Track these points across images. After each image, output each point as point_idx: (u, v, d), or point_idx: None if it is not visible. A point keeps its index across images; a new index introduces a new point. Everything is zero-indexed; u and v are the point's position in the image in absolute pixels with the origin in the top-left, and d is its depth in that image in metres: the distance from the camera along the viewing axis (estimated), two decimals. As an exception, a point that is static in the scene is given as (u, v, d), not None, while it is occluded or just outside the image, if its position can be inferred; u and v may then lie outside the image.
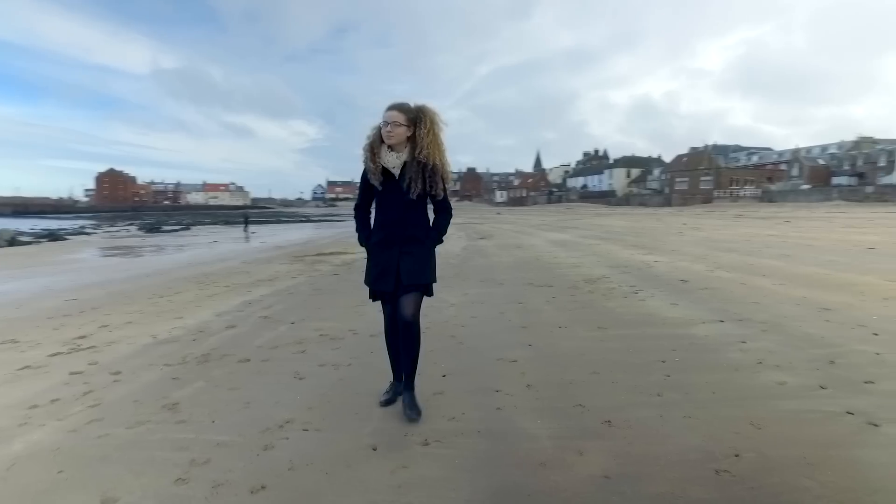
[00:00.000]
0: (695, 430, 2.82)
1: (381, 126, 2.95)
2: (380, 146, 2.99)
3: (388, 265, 2.97)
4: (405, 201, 2.97)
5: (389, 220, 3.01)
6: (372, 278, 3.05)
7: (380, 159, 2.97)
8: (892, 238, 15.54)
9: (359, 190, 3.18)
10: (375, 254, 3.05)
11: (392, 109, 2.94)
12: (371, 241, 3.09)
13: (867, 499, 2.19)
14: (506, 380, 3.66)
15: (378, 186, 2.98)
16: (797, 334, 4.76)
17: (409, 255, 2.98)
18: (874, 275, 8.22)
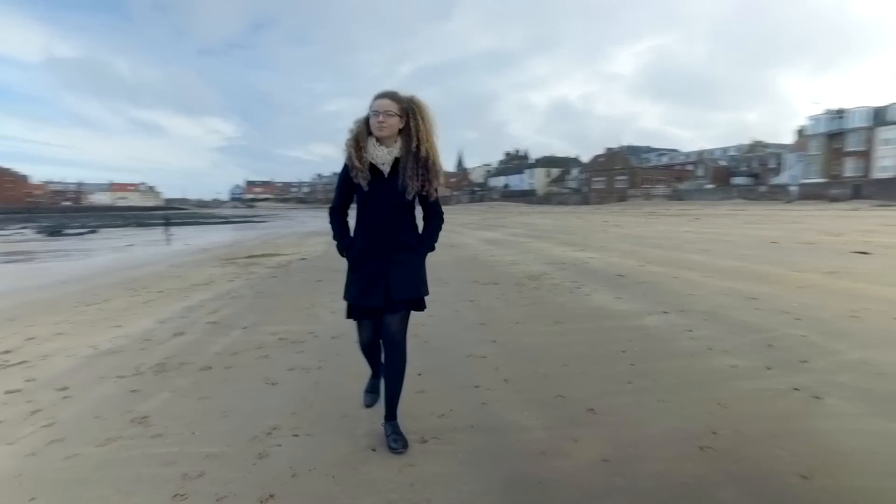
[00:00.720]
0: (671, 413, 3.01)
1: (370, 116, 2.58)
2: (366, 140, 2.60)
3: (375, 277, 2.60)
4: (396, 203, 2.62)
5: (377, 225, 2.63)
6: (355, 292, 2.65)
7: (367, 155, 2.59)
8: (790, 233, 17.05)
9: (336, 190, 2.77)
10: (359, 264, 2.66)
11: (384, 98, 2.58)
12: (354, 248, 2.69)
13: (828, 461, 2.44)
14: (482, 375, 3.73)
15: (364, 186, 2.58)
16: (734, 322, 5.15)
17: (400, 266, 2.63)
18: (783, 266, 9.01)
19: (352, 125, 2.68)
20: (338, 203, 2.77)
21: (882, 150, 57.42)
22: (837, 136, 61.37)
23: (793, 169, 66.92)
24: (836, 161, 60.93)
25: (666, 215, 35.13)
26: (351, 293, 2.68)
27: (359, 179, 2.59)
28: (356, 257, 2.68)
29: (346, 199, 2.75)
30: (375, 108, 2.58)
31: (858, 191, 51.94)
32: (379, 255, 2.62)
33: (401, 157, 2.62)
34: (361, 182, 2.59)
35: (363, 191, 2.61)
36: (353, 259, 2.70)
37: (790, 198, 55.15)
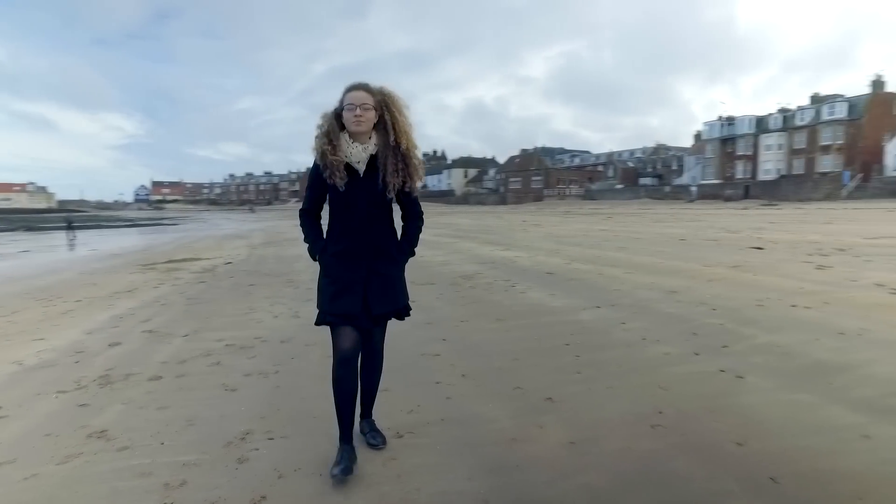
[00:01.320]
0: (620, 397, 3.30)
1: (344, 111, 2.40)
2: (338, 137, 2.43)
3: (351, 282, 2.43)
4: (374, 203, 2.46)
5: (353, 228, 2.45)
6: (327, 298, 2.45)
7: (340, 153, 2.41)
8: (695, 231, 18.46)
9: (306, 190, 2.60)
10: (335, 268, 2.47)
11: (358, 90, 2.41)
12: (328, 252, 2.51)
13: (756, 428, 2.81)
14: (440, 372, 3.88)
15: (340, 187, 2.40)
16: (660, 314, 5.62)
17: (379, 277, 2.49)
18: (694, 262, 9.83)
19: (319, 121, 2.48)
20: (309, 205, 2.60)
21: (765, 155, 63.16)
22: (729, 141, 66.86)
23: (692, 171, 72.07)
24: (729, 164, 66.33)
25: (581, 214, 36.85)
26: (323, 299, 2.48)
27: (334, 180, 2.40)
28: (330, 262, 2.49)
29: (318, 200, 2.58)
30: (350, 101, 2.39)
31: (748, 191, 56.78)
32: (356, 259, 2.45)
33: (378, 154, 2.45)
34: (337, 182, 2.40)
35: (338, 191, 2.42)
36: (327, 263, 2.50)
37: (691, 197, 59.35)
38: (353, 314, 2.43)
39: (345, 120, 2.42)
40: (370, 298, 2.45)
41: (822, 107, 58.90)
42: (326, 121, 2.46)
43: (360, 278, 2.45)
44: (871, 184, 48.64)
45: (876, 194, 45.81)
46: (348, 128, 2.43)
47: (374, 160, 2.46)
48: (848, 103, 56.76)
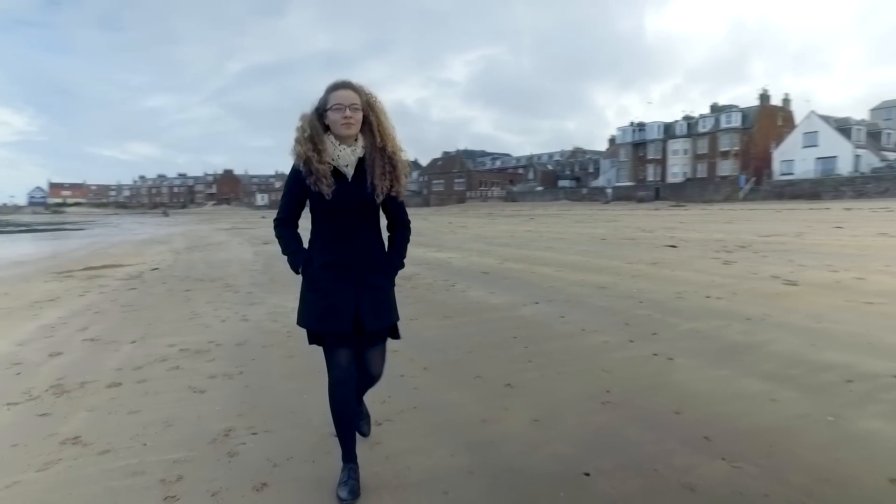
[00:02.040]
0: (571, 381, 3.67)
1: (331, 111, 2.23)
2: (323, 140, 2.25)
3: (341, 298, 2.24)
4: (363, 210, 2.29)
5: (342, 237, 2.27)
6: (315, 315, 2.27)
7: (326, 156, 2.23)
8: (614, 231, 19.62)
9: (283, 198, 2.39)
10: (322, 282, 2.26)
11: (346, 89, 2.25)
12: (314, 264, 2.29)
13: (689, 400, 3.25)
14: (402, 366, 4.09)
15: (328, 194, 2.20)
16: (594, 307, 6.12)
17: (370, 290, 2.30)
18: (618, 260, 10.58)
19: (298, 122, 2.29)
20: (287, 214, 2.38)
21: (672, 159, 67.60)
22: (640, 146, 71.00)
23: (607, 173, 75.84)
24: (641, 167, 70.40)
25: (504, 216, 37.95)
26: (310, 317, 2.29)
27: (321, 187, 2.20)
28: (317, 275, 2.27)
29: (297, 208, 2.37)
30: (339, 101, 2.23)
31: (658, 193, 60.51)
32: (346, 271, 2.26)
33: (366, 156, 2.29)
34: (324, 189, 2.20)
35: (323, 199, 2.22)
36: (314, 276, 2.28)
37: (607, 199, 62.51)
38: (344, 333, 2.26)
39: (331, 121, 2.25)
40: (362, 314, 2.26)
41: (720, 115, 63.99)
42: (308, 123, 2.26)
43: (350, 292, 2.25)
44: (763, 187, 53.28)
45: (767, 196, 50.26)
46: (335, 130, 2.25)
47: (361, 163, 2.30)
48: (742, 113, 62.04)
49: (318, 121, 2.28)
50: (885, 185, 43.37)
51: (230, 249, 16.24)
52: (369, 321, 2.28)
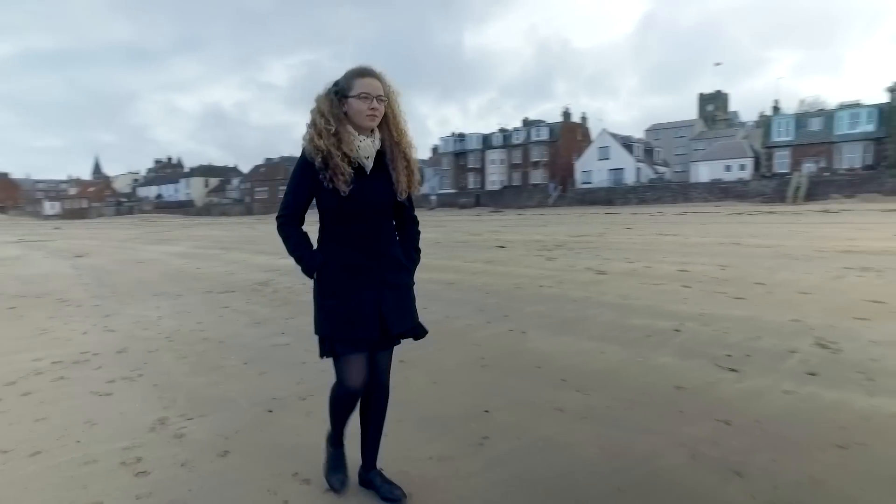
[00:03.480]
0: (452, 354, 4.44)
1: (355, 99, 2.06)
2: (347, 130, 2.07)
3: (364, 302, 2.08)
4: (383, 206, 2.15)
5: (360, 235, 2.10)
6: (337, 323, 2.10)
7: (346, 147, 2.04)
8: (445, 235, 21.07)
9: (289, 194, 2.15)
10: (342, 286, 2.09)
11: (373, 77, 2.09)
12: (330, 267, 2.11)
13: (545, 360, 4.21)
14: (298, 356, 4.49)
15: (344, 190, 2.02)
16: (450, 299, 7.01)
17: (393, 290, 2.15)
18: (456, 260, 11.73)
19: (315, 109, 2.10)
20: (293, 210, 2.15)
21: (491, 168, 73.23)
22: (461, 155, 75.67)
23: (431, 181, 79.34)
24: (462, 175, 75.04)
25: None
26: (330, 324, 2.12)
27: (338, 183, 2.02)
28: (336, 278, 2.10)
29: (305, 204, 2.16)
30: (367, 89, 2.06)
31: (478, 200, 65.06)
32: (367, 273, 2.10)
33: (385, 151, 2.16)
34: (341, 185, 2.02)
35: (339, 194, 2.03)
36: (332, 280, 2.11)
37: (431, 206, 65.45)
38: (371, 339, 2.13)
39: (354, 110, 2.07)
40: (387, 316, 2.11)
41: (531, 129, 71.01)
42: (331, 113, 2.07)
43: (373, 295, 2.09)
44: (568, 194, 60.31)
45: (572, 202, 57.01)
46: (357, 120, 2.08)
47: (380, 157, 2.15)
48: (549, 128, 69.60)
49: (335, 108, 2.08)
50: (659, 194, 52.09)
51: (37, 264, 14.39)
52: (394, 324, 2.13)
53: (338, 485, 2.36)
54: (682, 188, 52.60)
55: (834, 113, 51.00)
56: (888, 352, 4.10)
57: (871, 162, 47.07)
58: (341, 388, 2.21)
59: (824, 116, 51.39)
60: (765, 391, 3.40)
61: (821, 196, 40.39)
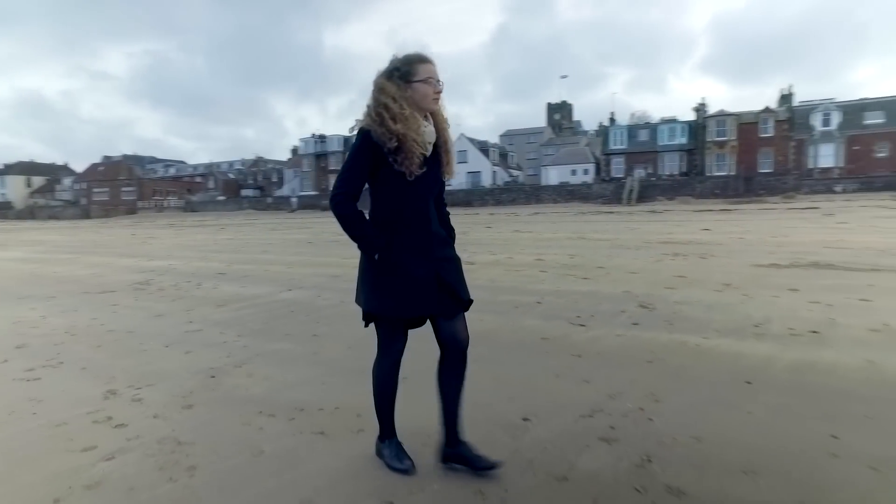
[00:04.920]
0: (353, 330, 5.11)
1: (422, 83, 2.16)
2: (413, 115, 2.14)
3: (426, 281, 2.19)
4: (436, 189, 2.31)
5: (421, 217, 2.22)
6: (402, 300, 2.20)
7: (417, 133, 2.13)
8: (314, 235, 21.30)
9: (349, 170, 2.17)
10: (406, 266, 2.18)
11: (433, 63, 2.19)
12: (395, 246, 2.19)
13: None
14: (218, 337, 4.91)
15: (415, 173, 2.13)
16: (338, 289, 7.60)
17: (450, 263, 2.30)
18: (334, 256, 12.25)
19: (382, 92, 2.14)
20: (354, 190, 2.18)
21: (353, 170, 73.17)
22: (322, 157, 74.85)
23: (291, 183, 77.47)
24: (324, 177, 74.18)
25: (190, 226, 35.99)
26: (394, 302, 2.22)
27: (412, 167, 2.12)
28: (399, 257, 2.18)
29: (363, 186, 2.22)
30: (430, 74, 2.17)
31: (341, 201, 64.75)
32: (427, 253, 2.21)
33: (438, 136, 2.26)
34: (414, 170, 2.12)
35: (404, 177, 2.13)
36: (396, 259, 2.18)
37: (292, 208, 63.99)
38: (429, 313, 2.30)
39: (420, 94, 2.16)
40: (455, 286, 2.27)
41: (390, 133, 72.07)
42: (401, 96, 2.14)
43: (432, 273, 2.21)
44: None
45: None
46: (424, 104, 2.18)
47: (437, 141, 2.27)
48: (408, 131, 71.14)
49: (401, 93, 2.15)
50: (513, 196, 56.02)
51: None
52: (463, 289, 2.29)
53: (409, 467, 2.36)
54: (535, 190, 57.11)
55: (657, 126, 58.85)
56: (684, 307, 5.56)
57: (685, 170, 55.03)
58: (386, 358, 2.38)
59: (650, 129, 59.07)
60: (603, 336, 4.57)
61: (649, 198, 46.29)
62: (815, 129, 51.25)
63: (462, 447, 2.37)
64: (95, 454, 2.64)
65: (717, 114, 54.46)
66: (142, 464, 2.53)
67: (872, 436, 2.59)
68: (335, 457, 2.58)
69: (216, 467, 2.48)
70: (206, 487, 2.30)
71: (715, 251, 10.69)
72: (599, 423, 2.83)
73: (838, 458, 2.39)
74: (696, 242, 12.61)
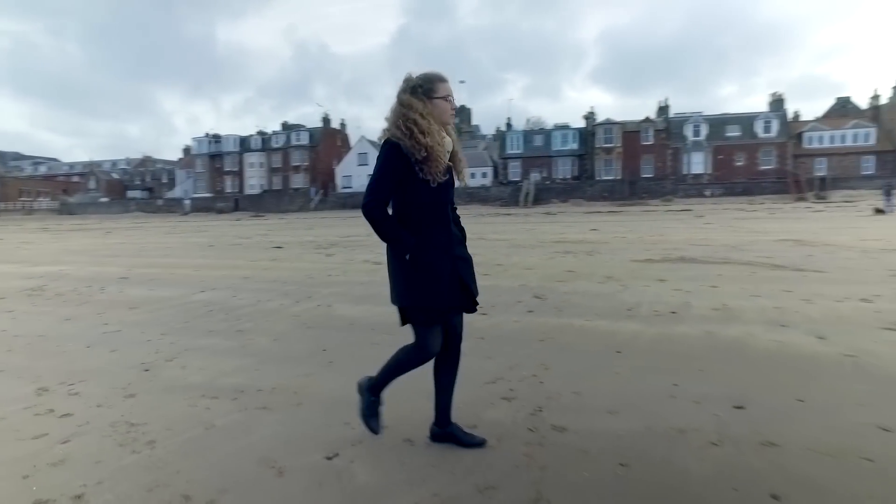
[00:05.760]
0: (279, 324, 5.44)
1: (442, 100, 2.45)
2: (436, 129, 2.40)
3: (452, 276, 2.44)
4: (453, 194, 2.55)
5: (443, 220, 2.46)
6: (438, 293, 2.39)
7: (440, 145, 2.39)
8: (216, 239, 20.70)
9: (380, 179, 2.36)
10: (437, 263, 2.40)
11: (448, 82, 2.49)
12: (424, 247, 2.39)
13: (354, 318, 5.51)
14: (150, 334, 5.04)
15: (439, 180, 2.38)
16: (252, 289, 7.81)
17: (465, 262, 2.53)
18: (241, 259, 12.24)
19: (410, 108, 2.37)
20: (385, 196, 2.39)
21: (249, 172, 70.85)
22: (217, 157, 71.57)
23: (184, 184, 73.37)
24: (219, 179, 71.05)
25: (67, 230, 33.26)
26: (433, 296, 2.39)
27: (436, 175, 2.37)
28: (429, 256, 2.39)
29: (392, 193, 2.41)
30: (450, 92, 2.48)
31: (237, 204, 62.46)
32: (447, 251, 2.45)
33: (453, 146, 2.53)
34: (438, 178, 2.38)
35: (429, 185, 2.38)
36: (427, 259, 2.39)
37: (185, 210, 60.76)
38: (456, 305, 2.49)
39: (439, 110, 2.44)
40: (469, 284, 2.51)
41: (291, 133, 70.54)
42: (427, 112, 2.40)
43: (454, 269, 2.45)
44: (330, 198, 61.66)
45: (334, 206, 58.51)
46: (443, 119, 2.45)
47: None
48: (309, 132, 69.98)
49: (427, 108, 2.40)
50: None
51: None
52: (475, 286, 2.55)
53: (378, 428, 2.63)
54: (436, 193, 58.26)
55: (551, 132, 62.24)
56: (572, 297, 6.41)
57: (577, 174, 58.69)
58: (422, 353, 2.51)
59: (545, 134, 62.34)
60: (503, 322, 5.24)
61: (544, 200, 48.95)
62: (688, 139, 56.66)
63: (453, 427, 2.68)
64: (49, 440, 2.86)
65: (605, 122, 58.66)
66: (101, 443, 2.80)
67: (702, 383, 3.42)
68: (281, 425, 2.99)
69: (174, 440, 2.81)
70: (170, 455, 2.63)
71: (601, 249, 11.93)
72: (501, 388, 3.45)
73: (675, 398, 3.17)
74: (586, 241, 13.91)
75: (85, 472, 2.50)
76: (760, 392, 3.24)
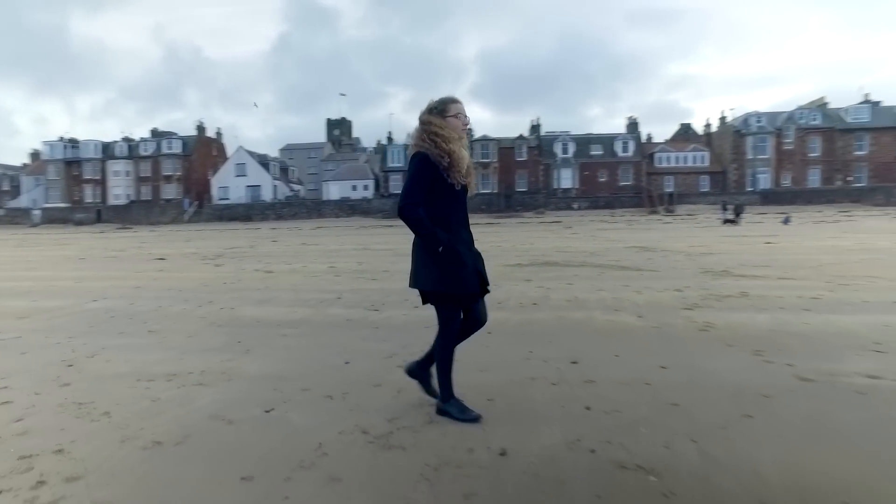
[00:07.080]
0: (248, 312, 5.86)
1: (455, 118, 2.94)
2: (458, 140, 2.92)
3: (474, 266, 2.95)
4: (466, 199, 3.05)
5: (464, 219, 3.02)
6: (467, 281, 2.90)
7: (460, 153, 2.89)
8: (86, 252, 19.51)
9: (416, 185, 2.83)
10: (464, 255, 2.90)
11: (460, 103, 2.99)
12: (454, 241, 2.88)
13: (264, 320, 6.07)
14: (122, 327, 5.24)
15: (463, 182, 2.92)
16: (157, 297, 7.98)
17: (479, 257, 3.06)
18: (123, 271, 11.98)
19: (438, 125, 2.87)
20: (421, 199, 2.84)
21: (114, 180, 65.59)
22: (75, 164, 65.39)
23: (32, 192, 66.00)
24: (77, 187, 64.89)
25: None
26: (462, 282, 2.88)
27: (460, 178, 2.88)
28: (458, 249, 2.87)
29: (424, 197, 2.86)
30: (462, 111, 2.98)
31: (100, 215, 57.59)
32: (468, 245, 2.98)
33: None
34: (460, 179, 2.89)
35: (454, 189, 2.89)
36: (458, 251, 2.86)
37: (34, 221, 54.94)
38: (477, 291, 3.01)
39: (452, 126, 2.92)
40: (484, 274, 3.07)
41: (162, 141, 66.34)
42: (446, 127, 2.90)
43: (473, 261, 2.98)
44: (205, 210, 58.90)
45: (209, 218, 56.02)
46: (456, 133, 2.93)
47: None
48: (182, 141, 66.28)
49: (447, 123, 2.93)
50: (295, 210, 56.19)
51: None
52: (485, 275, 3.09)
53: (476, 415, 3.10)
54: (316, 205, 57.99)
55: (430, 147, 63.96)
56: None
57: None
58: (449, 332, 3.08)
59: (424, 149, 63.93)
60: (393, 316, 6.09)
61: (425, 213, 50.38)
62: (558, 156, 61.45)
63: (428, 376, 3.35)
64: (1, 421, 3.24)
65: (482, 138, 61.77)
66: (56, 417, 3.23)
67: (549, 349, 4.51)
68: (220, 394, 3.60)
69: (126, 410, 3.32)
70: (127, 420, 3.16)
71: (478, 256, 13.17)
72: (396, 361, 4.29)
73: (529, 360, 4.23)
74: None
75: (54, 437, 2.95)
76: (591, 353, 4.40)
